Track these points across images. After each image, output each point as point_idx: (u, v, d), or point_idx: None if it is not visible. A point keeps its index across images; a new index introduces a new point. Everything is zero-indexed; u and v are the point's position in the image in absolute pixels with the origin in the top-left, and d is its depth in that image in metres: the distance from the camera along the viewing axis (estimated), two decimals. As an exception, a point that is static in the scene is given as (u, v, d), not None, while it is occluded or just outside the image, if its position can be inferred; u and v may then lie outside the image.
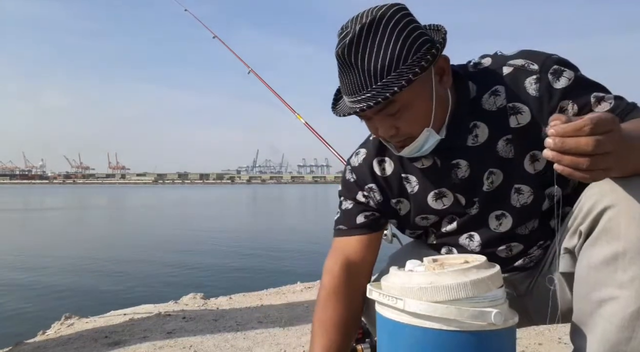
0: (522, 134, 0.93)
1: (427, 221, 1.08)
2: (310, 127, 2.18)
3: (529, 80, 0.92)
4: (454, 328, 0.74)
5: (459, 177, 0.99)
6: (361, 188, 1.11)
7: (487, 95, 0.95)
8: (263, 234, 13.13)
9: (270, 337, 2.07)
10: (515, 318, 0.79)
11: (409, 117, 0.89)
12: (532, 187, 0.96)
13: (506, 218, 0.99)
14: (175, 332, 2.19)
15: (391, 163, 1.08)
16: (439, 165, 1.00)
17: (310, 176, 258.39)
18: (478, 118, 0.96)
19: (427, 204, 1.05)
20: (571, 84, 0.89)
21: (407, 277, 0.81)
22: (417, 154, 0.96)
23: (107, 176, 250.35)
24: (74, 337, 2.19)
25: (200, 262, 8.17)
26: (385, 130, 0.91)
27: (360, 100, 0.87)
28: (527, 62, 0.93)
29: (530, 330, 2.06)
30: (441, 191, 1.02)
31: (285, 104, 2.34)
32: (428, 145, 0.93)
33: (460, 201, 1.01)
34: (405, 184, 1.07)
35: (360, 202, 1.11)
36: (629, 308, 0.77)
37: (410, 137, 0.92)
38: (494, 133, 0.95)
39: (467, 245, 1.05)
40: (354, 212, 1.12)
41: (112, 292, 5.96)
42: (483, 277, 0.76)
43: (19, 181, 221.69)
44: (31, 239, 12.25)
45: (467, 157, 0.97)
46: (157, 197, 45.95)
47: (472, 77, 0.97)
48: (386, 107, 0.88)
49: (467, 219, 1.02)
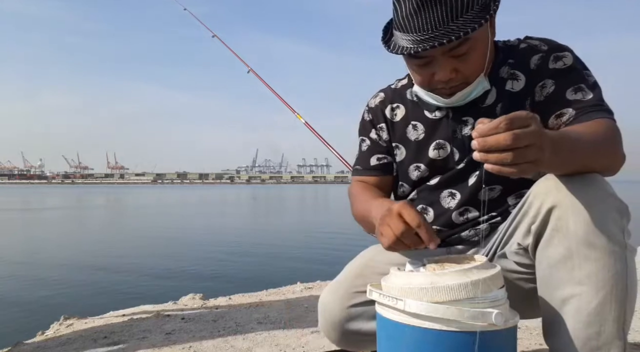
0: (513, 99, 1.03)
1: (418, 171, 1.14)
2: (310, 127, 2.18)
3: (535, 57, 1.01)
4: (455, 329, 0.74)
5: (462, 133, 1.07)
6: (374, 126, 1.21)
7: (504, 66, 1.04)
8: (263, 234, 13.12)
9: (270, 337, 2.07)
10: (516, 318, 0.79)
11: (473, 59, 0.96)
12: None
13: (480, 177, 1.06)
14: (174, 332, 2.18)
15: (403, 110, 1.17)
16: (450, 118, 1.08)
17: (310, 175, 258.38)
18: (492, 83, 1.04)
19: (427, 152, 1.11)
20: (563, 69, 0.98)
21: (408, 277, 0.81)
22: (462, 101, 1.02)
23: (106, 176, 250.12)
24: (73, 338, 2.18)
25: (199, 262, 8.16)
26: (446, 72, 0.96)
27: (439, 35, 0.90)
28: (541, 44, 1.03)
29: (530, 330, 2.06)
30: (442, 142, 1.10)
31: (285, 103, 2.34)
32: (476, 92, 1.01)
33: (454, 156, 1.09)
34: (410, 131, 1.15)
35: (373, 139, 1.21)
36: (590, 303, 0.79)
37: (465, 82, 0.98)
38: (498, 97, 1.04)
39: (447, 203, 1.10)
40: (368, 153, 1.22)
41: (111, 292, 5.95)
42: (484, 278, 0.76)
43: (18, 180, 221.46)
44: (30, 239, 12.23)
45: (475, 116, 1.04)
46: (156, 197, 45.94)
47: (500, 50, 1.06)
48: (457, 47, 0.92)
49: (452, 174, 1.09)
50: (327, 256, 8.68)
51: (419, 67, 0.99)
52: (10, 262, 8.35)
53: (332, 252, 9.21)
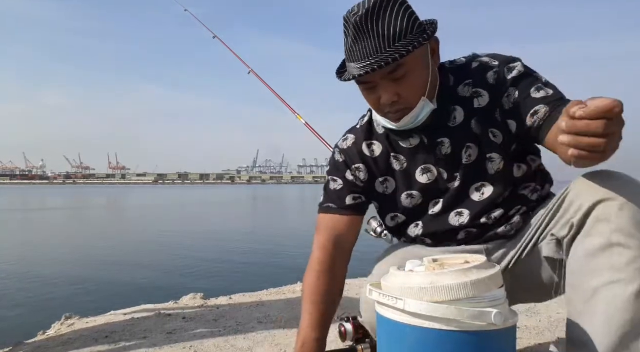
0: (483, 113, 1.09)
1: (412, 199, 1.18)
2: (310, 127, 2.18)
3: (490, 73, 1.08)
4: (454, 328, 0.74)
5: (442, 153, 1.12)
6: (349, 167, 1.23)
7: (462, 86, 1.12)
8: (263, 233, 13.13)
9: (270, 337, 2.07)
10: (515, 318, 0.79)
11: (410, 82, 1.02)
12: (500, 154, 1.10)
13: (486, 187, 1.12)
14: (175, 332, 2.19)
15: (379, 145, 1.21)
16: (426, 143, 1.13)
17: (310, 175, 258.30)
18: (455, 102, 1.11)
19: (415, 178, 1.17)
20: (519, 76, 1.06)
21: (407, 277, 0.81)
22: (412, 124, 1.08)
23: (107, 176, 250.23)
24: (74, 337, 2.19)
25: (200, 262, 8.17)
26: (389, 96, 1.03)
27: (373, 62, 0.98)
28: (490, 60, 1.10)
29: (530, 330, 2.06)
30: (427, 166, 1.15)
31: (285, 104, 2.34)
32: (423, 114, 1.07)
33: (442, 175, 1.14)
34: (394, 162, 1.19)
35: (349, 180, 1.23)
36: (627, 290, 0.81)
37: (408, 107, 1.05)
38: (467, 114, 1.11)
39: (457, 222, 1.14)
40: (344, 192, 1.24)
41: (112, 292, 5.96)
42: (483, 277, 0.76)
43: (19, 181, 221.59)
44: (31, 239, 12.25)
45: (448, 136, 1.11)
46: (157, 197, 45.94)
47: (450, 71, 1.14)
48: (394, 71, 1.00)
49: (451, 194, 1.14)
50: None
51: (367, 92, 1.07)
52: (11, 262, 8.36)
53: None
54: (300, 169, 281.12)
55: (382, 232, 1.53)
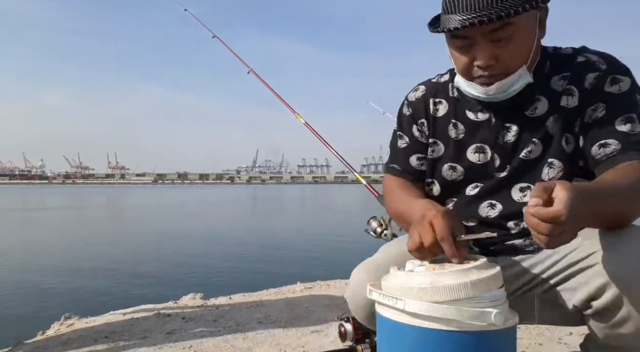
0: (566, 115, 0.99)
1: (454, 173, 1.11)
2: (310, 127, 2.18)
3: (591, 75, 0.97)
4: (454, 328, 0.74)
5: (504, 140, 1.03)
6: (415, 122, 1.16)
7: (557, 78, 1.00)
8: (263, 234, 13.12)
9: (270, 337, 2.07)
10: (515, 318, 0.79)
11: (513, 46, 0.93)
12: (564, 163, 0.99)
13: (531, 190, 0.99)
14: (174, 332, 2.19)
15: (446, 107, 1.12)
16: (492, 123, 1.04)
17: (310, 176, 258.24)
18: (543, 93, 1.01)
19: (465, 153, 1.08)
20: (618, 94, 0.95)
21: (407, 277, 0.81)
22: (501, 95, 0.97)
23: (107, 176, 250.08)
24: (73, 337, 2.19)
25: (200, 262, 8.16)
26: (486, 58, 0.94)
27: (479, 15, 0.89)
28: (599, 60, 0.98)
29: (530, 330, 2.06)
30: (483, 146, 1.06)
31: (285, 104, 2.34)
32: (519, 85, 0.96)
33: (494, 162, 1.05)
34: (451, 129, 1.10)
35: (414, 137, 1.16)
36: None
37: (505, 72, 0.95)
38: (550, 109, 1.00)
39: (485, 213, 1.06)
40: (407, 151, 1.17)
41: (111, 292, 5.95)
42: (483, 278, 0.76)
43: (19, 180, 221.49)
44: (31, 239, 12.24)
45: (519, 124, 1.02)
46: (156, 197, 45.93)
47: (550, 58, 1.02)
48: (498, 29, 0.91)
49: (494, 183, 1.05)
50: (327, 256, 8.68)
51: (460, 51, 0.97)
52: (11, 262, 8.35)
53: (332, 252, 9.21)
54: (300, 169, 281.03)
55: (382, 232, 1.53)
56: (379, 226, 1.54)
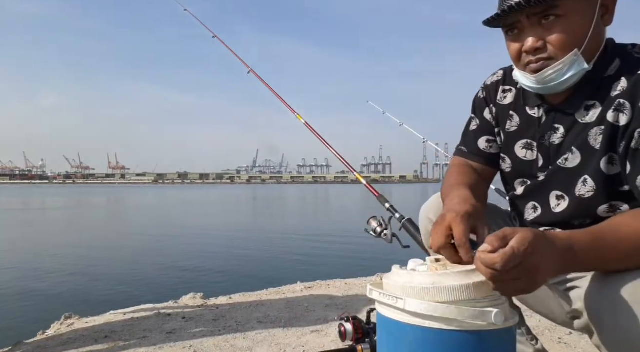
0: (613, 133, 0.89)
1: (504, 163, 1.12)
2: (310, 127, 2.17)
3: None
4: (455, 328, 0.74)
5: (549, 140, 1.00)
6: (487, 105, 1.15)
7: (624, 81, 0.88)
8: (263, 234, 13.12)
9: (270, 337, 2.07)
10: (515, 318, 0.79)
11: (562, 29, 0.87)
12: (597, 185, 0.92)
13: (564, 201, 0.98)
14: (175, 332, 2.19)
15: (512, 97, 1.10)
16: (542, 122, 1.01)
17: (310, 175, 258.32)
18: (600, 98, 0.91)
19: (514, 147, 1.08)
20: None
21: (409, 276, 0.81)
22: (555, 82, 0.91)
23: (107, 176, 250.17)
24: (73, 337, 2.19)
25: (200, 262, 8.16)
26: (532, 41, 0.90)
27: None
28: None
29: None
30: (531, 143, 1.04)
31: (285, 104, 2.34)
32: (572, 73, 0.89)
33: (538, 162, 1.03)
34: (508, 121, 1.10)
35: (485, 119, 1.15)
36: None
37: (554, 58, 0.89)
38: (599, 119, 0.91)
39: (530, 215, 1.07)
40: (479, 134, 1.16)
41: (112, 292, 5.95)
42: (486, 280, 0.76)
43: (19, 180, 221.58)
44: (31, 238, 12.24)
45: (567, 127, 0.96)
46: (156, 197, 45.94)
47: (624, 57, 0.92)
48: (545, 11, 0.87)
49: (534, 184, 1.04)
50: (327, 256, 8.68)
51: (511, 40, 0.95)
52: (11, 262, 8.35)
53: (332, 252, 9.21)
54: (300, 169, 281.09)
55: (382, 232, 1.52)
56: (378, 226, 1.54)
